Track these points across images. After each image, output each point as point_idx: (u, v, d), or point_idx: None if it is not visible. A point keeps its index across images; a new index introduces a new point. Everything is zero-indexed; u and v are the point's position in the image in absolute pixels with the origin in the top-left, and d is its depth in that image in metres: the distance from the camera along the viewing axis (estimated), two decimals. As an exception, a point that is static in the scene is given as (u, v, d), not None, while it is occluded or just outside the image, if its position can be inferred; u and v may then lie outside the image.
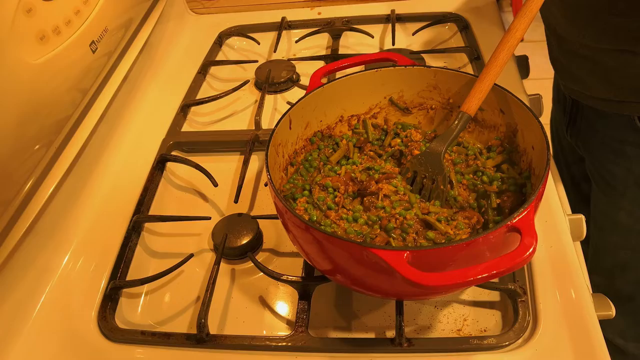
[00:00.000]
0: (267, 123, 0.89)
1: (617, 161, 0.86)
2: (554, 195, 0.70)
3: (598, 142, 0.89)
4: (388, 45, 1.03)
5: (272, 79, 0.96)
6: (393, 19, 1.06)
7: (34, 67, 0.62)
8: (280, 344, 0.58)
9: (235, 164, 0.83)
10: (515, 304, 0.58)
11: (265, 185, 0.79)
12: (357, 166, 0.67)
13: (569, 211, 0.78)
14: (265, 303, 0.65)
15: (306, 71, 1.00)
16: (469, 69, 0.95)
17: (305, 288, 0.63)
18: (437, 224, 0.58)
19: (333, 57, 1.00)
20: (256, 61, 1.03)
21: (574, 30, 0.79)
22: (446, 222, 0.59)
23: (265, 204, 0.76)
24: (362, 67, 0.80)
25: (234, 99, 0.95)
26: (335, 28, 1.08)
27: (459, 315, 0.61)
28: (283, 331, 0.62)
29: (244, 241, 0.68)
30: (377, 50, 1.04)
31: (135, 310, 0.66)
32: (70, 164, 0.72)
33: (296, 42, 1.08)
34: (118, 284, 0.66)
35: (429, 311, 0.61)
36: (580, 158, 0.99)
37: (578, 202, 1.05)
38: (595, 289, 0.71)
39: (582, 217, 0.70)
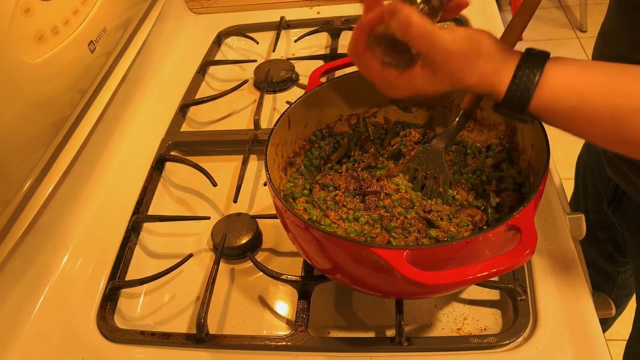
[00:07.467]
0: (266, 123, 0.89)
1: None
2: (553, 193, 0.70)
3: None
4: (387, 44, 1.03)
5: (271, 78, 0.96)
6: (392, 18, 1.06)
7: (32, 67, 0.62)
8: (280, 344, 0.58)
9: (235, 164, 0.82)
10: (515, 302, 0.58)
11: (265, 184, 0.79)
12: (358, 164, 0.67)
13: (569, 210, 0.78)
14: (264, 303, 0.65)
15: (305, 70, 1.00)
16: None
17: (304, 287, 0.62)
18: (439, 222, 0.58)
19: (332, 57, 1.00)
20: (255, 61, 1.03)
21: None
22: (448, 220, 0.59)
23: (265, 203, 0.76)
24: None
25: (233, 98, 0.94)
26: (334, 27, 1.07)
27: (459, 314, 0.61)
28: (283, 331, 0.61)
29: (244, 241, 0.68)
30: (376, 50, 1.03)
31: (134, 311, 0.66)
32: (69, 164, 0.72)
33: (295, 41, 1.08)
34: (117, 284, 0.66)
35: (428, 310, 0.61)
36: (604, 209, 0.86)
37: (590, 248, 0.92)
38: None
39: (581, 215, 0.70)
